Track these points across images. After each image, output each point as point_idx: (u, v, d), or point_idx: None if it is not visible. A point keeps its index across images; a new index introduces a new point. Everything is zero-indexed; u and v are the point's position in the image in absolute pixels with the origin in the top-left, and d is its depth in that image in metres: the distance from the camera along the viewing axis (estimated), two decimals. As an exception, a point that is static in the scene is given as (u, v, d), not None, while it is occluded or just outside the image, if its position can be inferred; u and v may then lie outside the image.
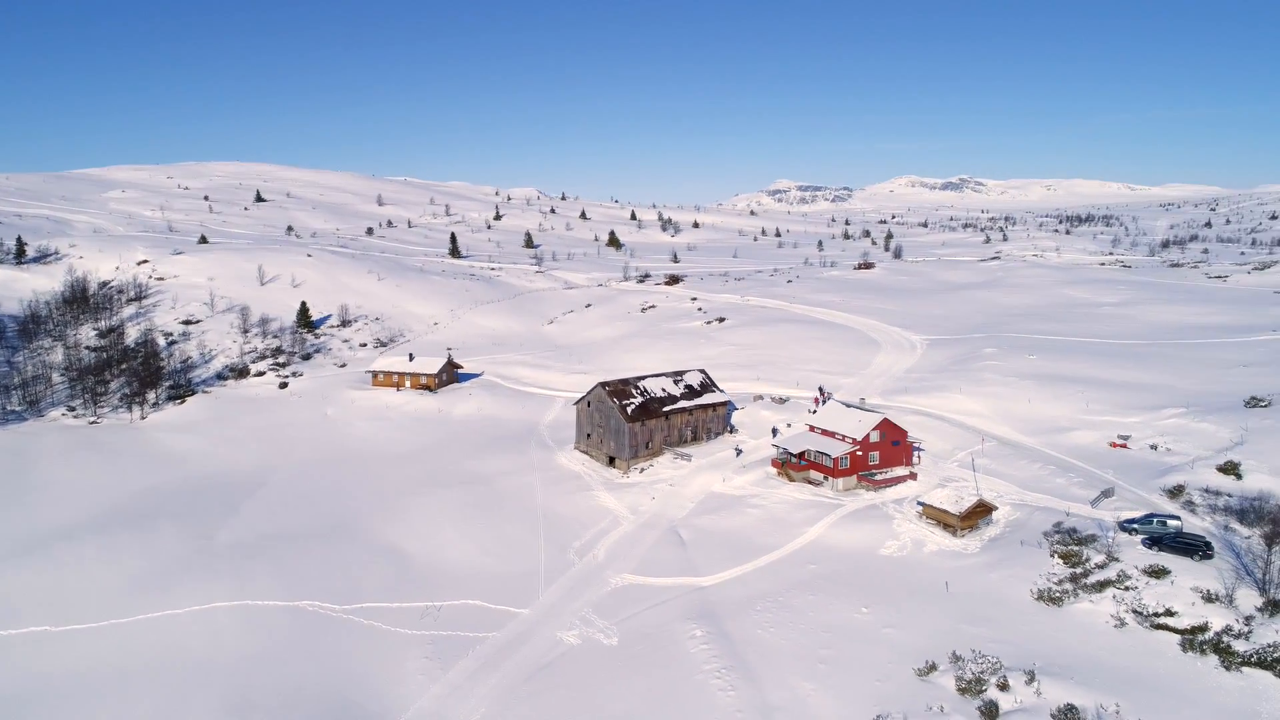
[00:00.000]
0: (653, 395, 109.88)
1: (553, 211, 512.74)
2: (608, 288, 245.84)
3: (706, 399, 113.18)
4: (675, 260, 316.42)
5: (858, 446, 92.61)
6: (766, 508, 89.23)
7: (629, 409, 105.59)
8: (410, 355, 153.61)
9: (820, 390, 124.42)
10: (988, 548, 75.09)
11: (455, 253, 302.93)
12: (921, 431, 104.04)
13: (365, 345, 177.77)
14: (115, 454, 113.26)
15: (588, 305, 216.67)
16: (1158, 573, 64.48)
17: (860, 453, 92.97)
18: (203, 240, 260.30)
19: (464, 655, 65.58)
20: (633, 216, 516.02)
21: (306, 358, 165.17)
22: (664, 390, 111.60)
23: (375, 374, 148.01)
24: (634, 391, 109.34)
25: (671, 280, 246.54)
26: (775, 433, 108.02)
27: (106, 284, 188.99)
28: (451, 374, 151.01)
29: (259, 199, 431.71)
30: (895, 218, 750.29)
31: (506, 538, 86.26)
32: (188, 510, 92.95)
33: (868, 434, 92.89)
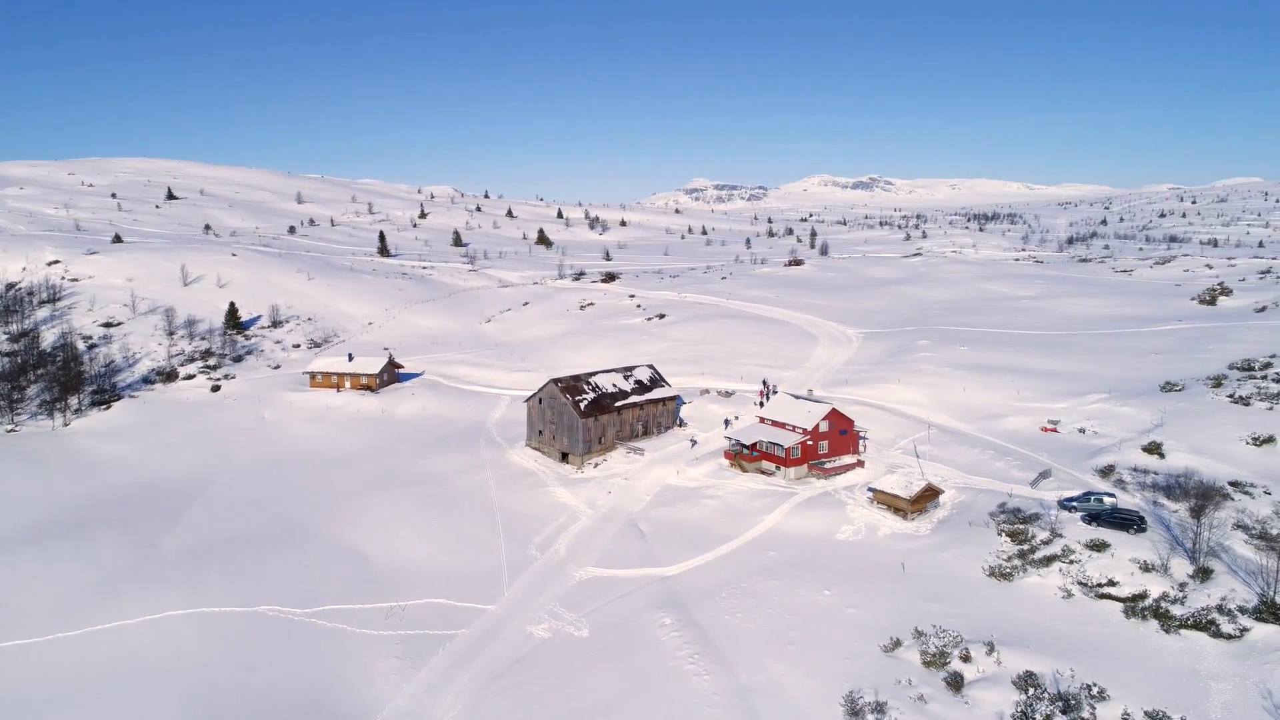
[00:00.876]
0: (604, 391, 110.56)
1: (479, 210, 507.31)
2: (544, 285, 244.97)
3: (656, 394, 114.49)
4: (608, 258, 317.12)
5: (808, 436, 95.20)
6: (722, 498, 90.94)
7: (582, 404, 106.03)
8: (350, 355, 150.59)
9: (764, 383, 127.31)
10: (938, 529, 78.43)
11: (385, 251, 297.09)
12: (865, 421, 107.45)
13: (299, 346, 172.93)
14: (38, 463, 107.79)
15: (525, 303, 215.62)
16: (1098, 546, 68.63)
17: (810, 442, 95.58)
18: (117, 239, 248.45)
19: (435, 653, 65.22)
20: (560, 215, 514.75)
21: (238, 360, 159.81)
22: (615, 386, 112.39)
23: (313, 375, 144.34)
24: (586, 387, 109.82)
25: (608, 278, 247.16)
26: (728, 424, 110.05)
27: (14, 285, 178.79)
28: (393, 374, 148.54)
29: (171, 196, 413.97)
30: (813, 215, 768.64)
31: (465, 536, 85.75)
32: (126, 518, 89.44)
33: (817, 424, 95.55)
